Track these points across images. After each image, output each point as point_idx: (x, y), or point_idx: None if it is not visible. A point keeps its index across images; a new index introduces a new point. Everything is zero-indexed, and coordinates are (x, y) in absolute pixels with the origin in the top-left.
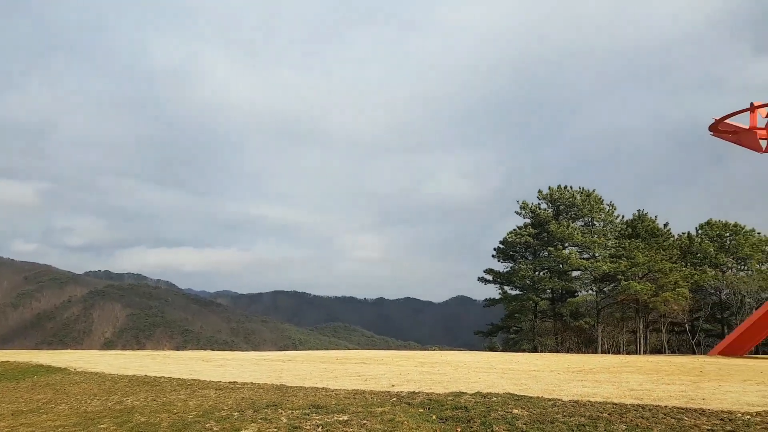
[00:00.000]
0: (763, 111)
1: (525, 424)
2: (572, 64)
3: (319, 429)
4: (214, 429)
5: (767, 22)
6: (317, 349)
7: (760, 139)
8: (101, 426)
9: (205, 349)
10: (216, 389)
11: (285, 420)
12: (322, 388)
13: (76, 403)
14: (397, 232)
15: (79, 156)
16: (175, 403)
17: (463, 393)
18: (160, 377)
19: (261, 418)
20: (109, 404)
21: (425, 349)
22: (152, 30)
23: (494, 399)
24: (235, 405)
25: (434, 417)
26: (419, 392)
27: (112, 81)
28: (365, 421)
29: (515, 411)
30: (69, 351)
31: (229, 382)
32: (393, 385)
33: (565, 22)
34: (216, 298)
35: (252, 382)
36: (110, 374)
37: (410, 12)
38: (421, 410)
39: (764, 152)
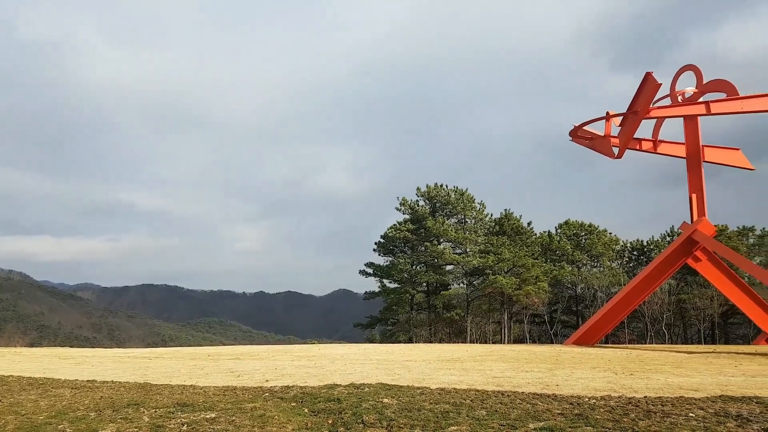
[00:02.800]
0: (617, 120)
1: (393, 412)
2: (455, 70)
3: (184, 428)
4: (68, 430)
5: (621, 43)
6: (189, 346)
7: (613, 146)
8: None
9: (63, 346)
10: (72, 388)
11: (147, 419)
12: (190, 386)
13: None
14: (281, 224)
15: None
16: (24, 403)
17: (337, 385)
18: (8, 376)
19: (121, 418)
20: None
21: (305, 343)
22: None
23: (367, 389)
24: (93, 404)
25: (306, 410)
26: (293, 386)
27: None
28: (234, 418)
29: (385, 400)
30: None
31: (87, 381)
32: (267, 381)
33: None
34: (77, 291)
35: (113, 381)
36: None
37: (304, 4)
38: (294, 404)
39: (616, 158)
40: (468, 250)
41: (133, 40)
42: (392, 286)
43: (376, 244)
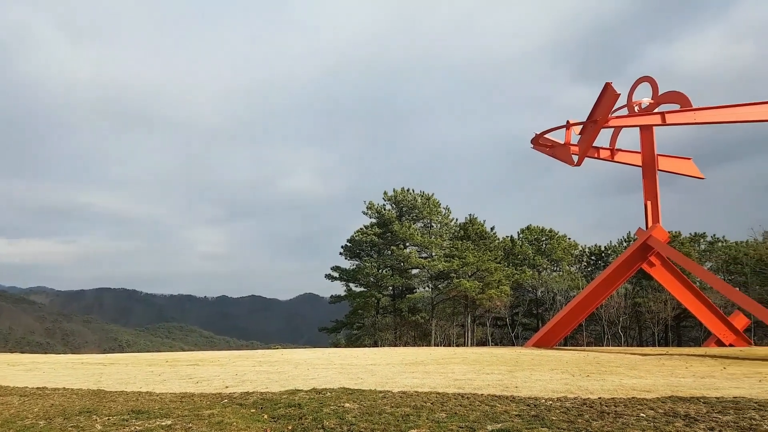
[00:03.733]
0: (576, 128)
1: (355, 417)
2: (421, 76)
3: None
4: None
5: (580, 55)
6: (148, 352)
7: (572, 153)
8: None
9: (14, 352)
10: (21, 395)
11: (100, 427)
12: (146, 393)
13: None
14: (246, 227)
15: None
16: None
17: (298, 390)
18: None
19: (72, 426)
20: None
21: (268, 348)
22: None
23: (328, 394)
24: (43, 412)
25: (266, 416)
26: (253, 392)
27: None
28: (191, 425)
29: (347, 405)
30: None
31: (38, 388)
32: (227, 387)
33: (417, 36)
34: (29, 294)
35: (65, 388)
36: None
37: (269, 7)
38: (253, 410)
39: (576, 165)
40: (433, 254)
41: (92, 37)
42: (358, 289)
43: (342, 247)
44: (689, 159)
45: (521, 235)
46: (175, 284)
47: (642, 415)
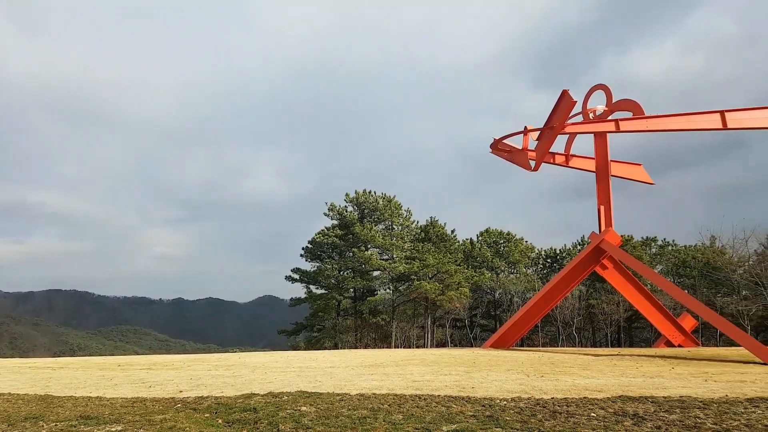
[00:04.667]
0: (534, 134)
1: (311, 420)
2: (382, 79)
3: None
4: None
5: (539, 64)
6: (101, 355)
7: (530, 159)
8: None
9: None
10: None
11: None
12: (96, 398)
13: None
14: (203, 228)
15: None
16: None
17: (254, 394)
18: None
19: None
20: None
21: (226, 352)
22: None
23: (285, 398)
24: None
25: (220, 421)
26: (208, 396)
27: None
28: (141, 431)
29: (304, 408)
30: None
31: None
32: (181, 391)
33: (378, 40)
34: None
35: (10, 393)
36: None
37: (231, 4)
38: (207, 415)
39: (533, 170)
40: (395, 256)
41: (44, 32)
42: (319, 292)
43: (303, 249)
44: (640, 165)
45: (480, 238)
46: (130, 286)
47: (593, 414)
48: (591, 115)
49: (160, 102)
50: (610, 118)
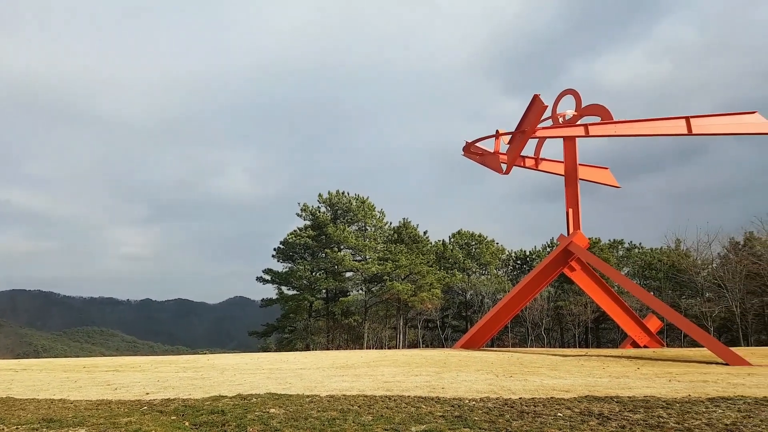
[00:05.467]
0: (506, 138)
1: (280, 422)
2: (357, 81)
3: None
4: None
5: (511, 69)
6: (66, 357)
7: (501, 162)
8: None
9: None
10: None
11: None
12: (60, 400)
13: None
14: (173, 228)
15: None
16: None
17: (223, 396)
18: None
19: None
20: None
21: (195, 353)
22: None
23: (254, 400)
24: None
25: (187, 423)
26: (175, 399)
27: None
28: None
29: (272, 410)
30: None
31: None
32: (147, 393)
33: (353, 40)
34: None
35: None
36: None
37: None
38: (174, 417)
39: (504, 174)
40: (367, 257)
41: (11, 26)
42: (291, 293)
43: (275, 250)
44: (606, 168)
45: (452, 240)
46: (96, 286)
47: (559, 414)
48: (561, 120)
49: (131, 99)
50: (579, 122)
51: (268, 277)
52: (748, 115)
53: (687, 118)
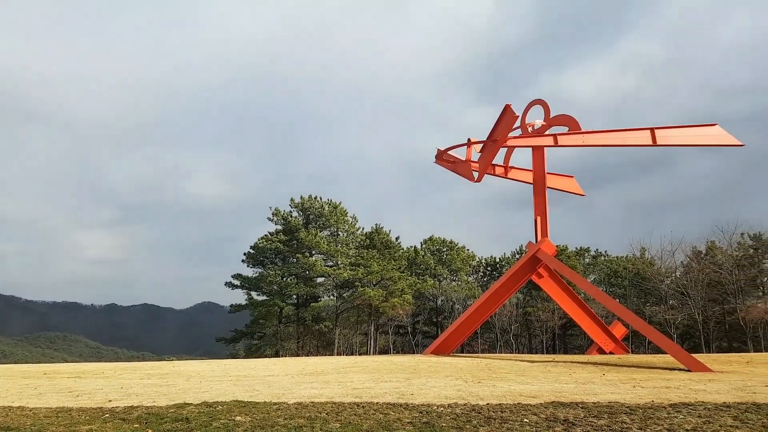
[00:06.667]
0: (477, 147)
1: (245, 430)
2: (330, 88)
3: None
4: None
5: (481, 79)
6: (27, 363)
7: (473, 170)
8: None
9: None
10: None
11: None
12: (18, 407)
13: None
14: (140, 231)
15: None
16: None
17: (188, 404)
18: None
19: None
20: None
21: (161, 360)
22: None
23: (220, 408)
24: None
25: (150, 431)
26: (138, 406)
27: None
28: None
29: (238, 418)
30: None
31: None
32: (110, 401)
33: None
34: None
35: None
36: None
37: (177, 5)
38: (137, 425)
39: (476, 182)
40: (339, 262)
41: None
42: (260, 298)
43: (245, 254)
44: (572, 177)
45: (424, 246)
46: (60, 291)
47: (526, 420)
48: (529, 129)
49: (99, 101)
50: (547, 132)
51: (237, 282)
52: (709, 128)
53: (652, 129)
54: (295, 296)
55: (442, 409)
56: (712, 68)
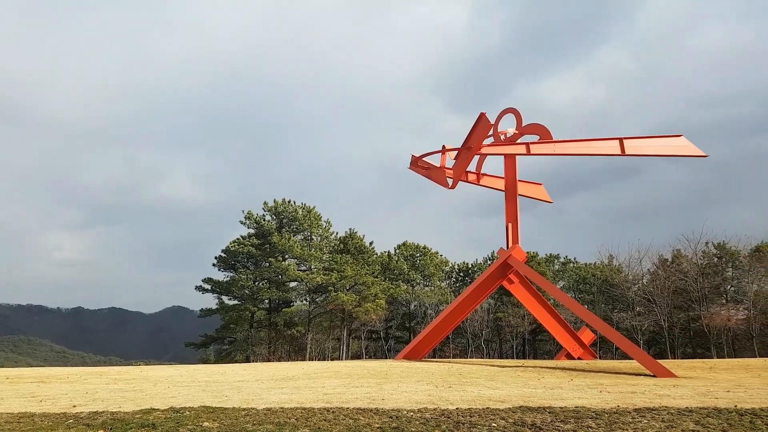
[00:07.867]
0: (452, 153)
1: None
2: (307, 91)
3: None
4: None
5: (453, 87)
6: None
7: (447, 177)
8: None
9: None
10: None
11: None
12: None
13: None
14: (109, 233)
15: None
16: None
17: (155, 409)
18: None
19: None
20: None
21: (128, 365)
22: None
23: (187, 413)
24: None
25: None
26: (104, 412)
27: None
28: None
29: (206, 424)
30: None
31: None
32: (74, 406)
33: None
34: None
35: None
36: None
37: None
38: (101, 431)
39: (450, 188)
40: (312, 267)
41: None
42: (231, 302)
43: (216, 258)
44: (540, 184)
45: (397, 251)
46: (24, 293)
47: (494, 425)
48: (502, 137)
49: (69, 99)
50: (519, 141)
51: (208, 287)
52: (674, 138)
53: (620, 140)
54: (267, 301)
55: (411, 414)
56: (682, 79)
